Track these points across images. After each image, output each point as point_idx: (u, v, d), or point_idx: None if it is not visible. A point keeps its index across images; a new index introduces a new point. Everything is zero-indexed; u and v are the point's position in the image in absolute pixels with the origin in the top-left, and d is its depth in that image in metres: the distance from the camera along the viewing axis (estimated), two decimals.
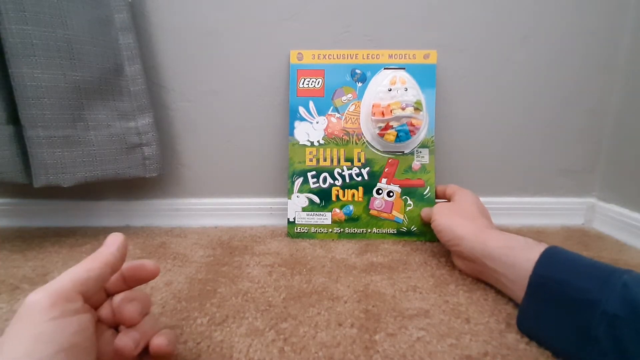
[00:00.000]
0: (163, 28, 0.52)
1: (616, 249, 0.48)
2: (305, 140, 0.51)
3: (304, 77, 0.51)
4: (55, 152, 0.44)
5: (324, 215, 0.51)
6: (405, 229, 0.51)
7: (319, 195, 0.51)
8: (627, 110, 0.52)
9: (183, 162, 0.57)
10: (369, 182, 0.51)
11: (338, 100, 0.51)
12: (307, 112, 0.51)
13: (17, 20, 0.41)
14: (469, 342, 0.29)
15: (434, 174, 0.50)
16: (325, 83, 0.51)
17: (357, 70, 0.50)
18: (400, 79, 0.49)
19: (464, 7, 0.51)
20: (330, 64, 0.51)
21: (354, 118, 0.51)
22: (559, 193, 0.58)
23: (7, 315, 0.34)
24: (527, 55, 0.52)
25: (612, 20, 0.51)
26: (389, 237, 0.51)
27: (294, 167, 0.51)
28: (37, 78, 0.42)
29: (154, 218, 0.58)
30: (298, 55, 0.51)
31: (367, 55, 0.50)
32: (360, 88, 0.51)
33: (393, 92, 0.48)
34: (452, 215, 0.42)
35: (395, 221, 0.51)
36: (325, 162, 0.51)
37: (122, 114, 0.49)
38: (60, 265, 0.44)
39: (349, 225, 0.51)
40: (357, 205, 0.51)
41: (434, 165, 0.50)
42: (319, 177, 0.51)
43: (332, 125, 0.51)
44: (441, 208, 0.44)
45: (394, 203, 0.50)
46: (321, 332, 0.31)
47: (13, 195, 0.59)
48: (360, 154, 0.51)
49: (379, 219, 0.51)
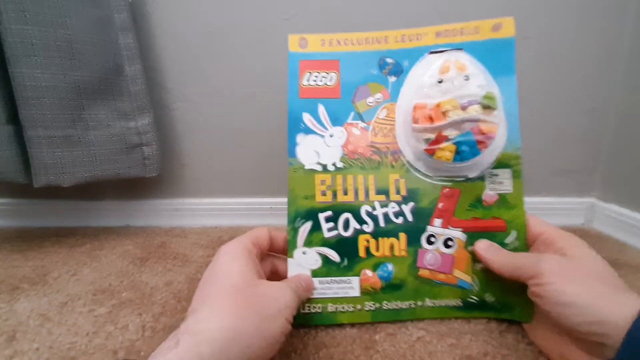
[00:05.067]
0: (163, 28, 0.52)
1: (616, 249, 0.48)
2: (314, 162, 0.33)
3: (309, 70, 0.35)
4: (55, 152, 0.44)
5: (349, 281, 0.32)
6: (476, 300, 0.32)
7: (339, 250, 0.32)
8: (627, 111, 0.52)
9: (183, 162, 0.57)
10: (415, 225, 0.33)
11: (362, 102, 0.34)
12: (316, 121, 0.34)
13: (17, 20, 0.41)
14: (469, 342, 0.29)
15: (523, 211, 0.32)
16: (342, 79, 0.35)
17: (387, 59, 0.34)
18: (457, 63, 0.32)
19: (464, 7, 0.51)
20: (349, 51, 0.35)
21: (386, 128, 0.34)
22: (559, 193, 0.58)
23: (7, 315, 0.34)
24: (527, 55, 0.52)
25: (612, 20, 0.51)
26: (450, 312, 0.32)
27: (296, 206, 0.33)
28: (37, 78, 0.42)
29: (154, 218, 0.58)
30: (300, 41, 0.35)
31: (402, 37, 0.34)
32: (394, 84, 0.34)
33: (446, 85, 0.31)
34: (588, 279, 0.25)
35: (459, 286, 0.32)
36: (347, 196, 0.33)
37: (122, 114, 0.49)
38: (60, 265, 0.44)
39: (389, 297, 0.32)
40: (398, 263, 0.32)
41: (522, 196, 0.32)
42: (338, 220, 0.33)
43: (355, 139, 0.34)
44: (561, 263, 0.26)
45: (456, 258, 0.32)
46: (321, 332, 0.31)
47: (13, 195, 0.59)
48: (400, 182, 0.33)
49: (434, 283, 0.32)
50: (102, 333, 0.31)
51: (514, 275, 0.28)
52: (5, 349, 0.29)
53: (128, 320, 0.33)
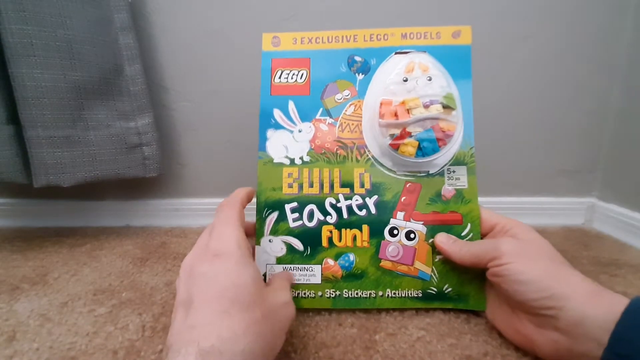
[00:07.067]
0: (163, 28, 0.52)
1: (616, 249, 0.48)
2: (283, 156, 0.35)
3: (281, 68, 0.37)
4: (55, 152, 0.44)
5: (311, 269, 0.34)
6: (434, 291, 0.33)
7: (303, 239, 0.34)
8: (627, 111, 0.52)
9: (183, 162, 0.57)
10: (379, 217, 0.34)
11: (330, 99, 0.36)
12: (286, 117, 0.36)
13: (17, 20, 0.41)
14: (469, 342, 0.29)
15: (477, 205, 0.34)
16: (312, 76, 0.36)
17: (356, 57, 0.36)
18: (421, 64, 0.34)
19: (464, 7, 0.51)
20: (319, 49, 0.36)
21: (353, 124, 0.36)
22: (559, 193, 0.58)
23: (7, 315, 0.34)
24: (528, 55, 0.52)
25: (612, 20, 0.51)
26: (410, 303, 0.33)
27: (265, 197, 0.35)
28: (37, 78, 0.42)
29: (154, 218, 0.58)
30: (273, 40, 0.37)
31: (370, 36, 0.36)
32: (362, 81, 0.36)
33: (410, 84, 0.33)
34: (540, 258, 0.27)
35: (419, 278, 0.33)
36: (312, 188, 0.35)
37: (122, 114, 0.49)
38: (60, 265, 0.44)
39: (349, 286, 0.33)
40: (360, 254, 0.34)
41: (477, 191, 0.34)
42: (303, 211, 0.34)
43: (322, 134, 0.36)
44: (517, 245, 0.29)
45: (417, 250, 0.33)
46: (321, 332, 0.31)
47: (13, 195, 0.59)
48: (364, 175, 0.35)
49: (395, 274, 0.33)
50: (102, 333, 0.31)
51: (474, 262, 0.30)
52: (5, 349, 0.29)
53: (128, 320, 0.33)
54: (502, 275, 0.27)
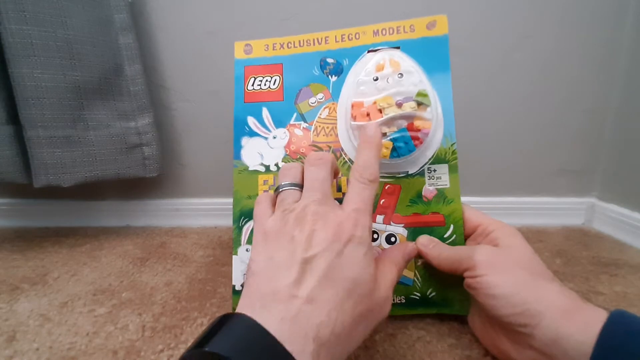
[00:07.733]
0: (163, 28, 0.52)
1: (616, 249, 0.48)
2: (258, 164, 0.35)
3: (254, 75, 0.36)
4: (55, 152, 0.44)
5: None
6: (418, 296, 0.32)
7: None
8: (627, 111, 0.52)
9: (183, 162, 0.57)
10: None
11: (304, 103, 0.35)
12: (260, 124, 0.36)
13: (17, 20, 0.41)
14: (469, 342, 0.29)
15: (460, 205, 0.32)
16: (285, 81, 0.36)
17: (328, 59, 0.35)
18: (391, 61, 0.32)
19: (464, 7, 0.51)
20: (291, 54, 0.36)
21: (328, 127, 0.34)
22: (559, 193, 0.58)
23: (7, 315, 0.34)
24: (527, 55, 0.52)
25: (612, 20, 0.51)
26: (394, 310, 0.29)
27: (241, 206, 0.34)
28: (37, 78, 0.42)
29: (154, 218, 0.58)
30: (245, 48, 0.37)
31: (341, 37, 0.35)
32: (335, 83, 0.35)
33: (381, 83, 0.32)
34: (515, 269, 0.25)
35: (402, 283, 0.32)
36: None
37: (122, 114, 0.49)
38: (60, 265, 0.44)
39: None
40: None
41: (459, 190, 0.32)
42: None
43: (297, 139, 0.35)
44: (493, 255, 0.27)
45: None
46: None
47: (13, 195, 0.59)
48: (341, 179, 0.33)
49: None
50: (102, 333, 0.31)
51: (452, 269, 0.28)
52: (5, 349, 0.29)
53: (128, 320, 0.33)
54: (475, 288, 0.26)
